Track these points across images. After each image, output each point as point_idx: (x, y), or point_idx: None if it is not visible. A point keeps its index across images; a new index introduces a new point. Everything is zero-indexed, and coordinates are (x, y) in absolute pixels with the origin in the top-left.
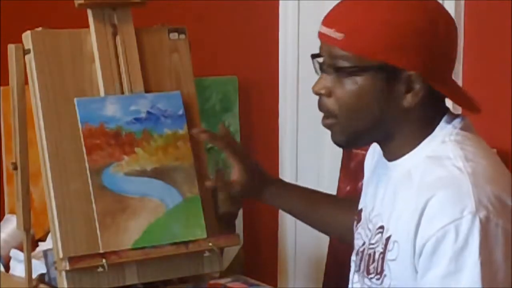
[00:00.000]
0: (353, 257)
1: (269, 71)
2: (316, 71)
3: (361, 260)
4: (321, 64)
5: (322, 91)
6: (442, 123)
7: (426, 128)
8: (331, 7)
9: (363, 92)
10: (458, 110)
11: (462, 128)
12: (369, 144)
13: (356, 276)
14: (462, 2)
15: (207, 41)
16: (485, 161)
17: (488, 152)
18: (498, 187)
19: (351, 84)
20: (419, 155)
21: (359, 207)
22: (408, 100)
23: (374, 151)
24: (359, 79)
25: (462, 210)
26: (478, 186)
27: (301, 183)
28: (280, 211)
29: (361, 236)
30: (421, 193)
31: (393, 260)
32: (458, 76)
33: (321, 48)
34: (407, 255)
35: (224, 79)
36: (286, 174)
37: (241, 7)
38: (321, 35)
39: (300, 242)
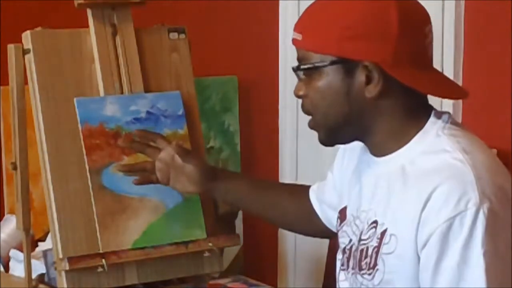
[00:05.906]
0: (339, 256)
1: (269, 71)
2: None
3: (348, 258)
4: (294, 69)
5: (300, 93)
6: (432, 118)
7: (414, 122)
8: None
9: (327, 88)
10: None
11: (452, 123)
12: (351, 140)
13: (342, 274)
14: (462, 2)
15: (207, 41)
16: (482, 153)
17: (481, 144)
18: (499, 178)
19: (317, 82)
20: (413, 150)
21: (343, 205)
22: (370, 90)
23: (346, 151)
24: (321, 76)
25: (467, 203)
26: (481, 178)
27: (301, 183)
28: None
29: (347, 234)
30: (422, 186)
31: (390, 253)
32: (458, 76)
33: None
34: (407, 247)
35: (224, 79)
36: (286, 174)
37: (241, 7)
38: (292, 41)
39: (300, 242)
